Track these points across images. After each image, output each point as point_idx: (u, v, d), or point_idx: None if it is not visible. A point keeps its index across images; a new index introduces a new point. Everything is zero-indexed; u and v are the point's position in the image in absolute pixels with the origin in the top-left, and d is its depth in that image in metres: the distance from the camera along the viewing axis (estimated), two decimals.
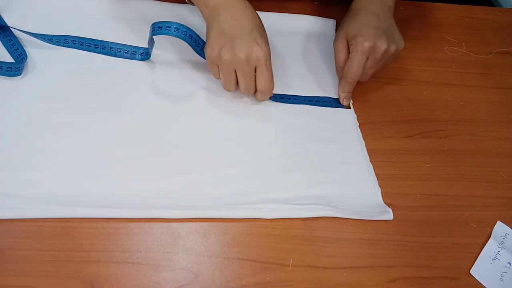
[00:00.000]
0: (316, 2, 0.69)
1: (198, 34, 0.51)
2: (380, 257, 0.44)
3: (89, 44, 0.54)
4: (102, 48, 0.54)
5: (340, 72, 0.55)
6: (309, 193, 0.47)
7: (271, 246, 0.43)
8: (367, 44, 0.51)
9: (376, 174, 0.50)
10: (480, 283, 0.44)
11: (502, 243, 0.47)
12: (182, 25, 0.50)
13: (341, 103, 0.56)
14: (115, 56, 0.55)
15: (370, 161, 0.51)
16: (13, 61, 0.51)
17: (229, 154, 0.49)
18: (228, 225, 0.44)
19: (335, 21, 0.66)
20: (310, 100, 0.55)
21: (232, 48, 0.47)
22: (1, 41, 0.53)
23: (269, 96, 0.53)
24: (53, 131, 0.47)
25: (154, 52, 0.55)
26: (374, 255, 0.44)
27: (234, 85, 0.50)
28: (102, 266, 0.39)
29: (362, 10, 0.54)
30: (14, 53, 0.52)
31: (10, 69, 0.49)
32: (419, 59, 0.65)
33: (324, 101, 0.56)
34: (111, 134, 0.48)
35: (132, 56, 0.55)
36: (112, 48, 0.55)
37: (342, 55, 0.54)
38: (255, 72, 0.49)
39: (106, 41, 0.55)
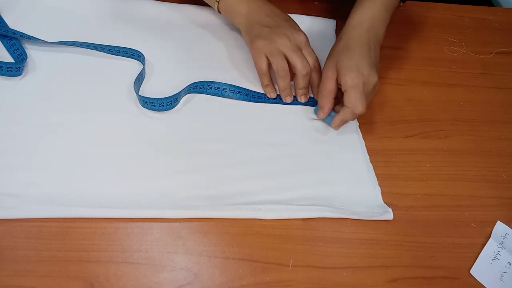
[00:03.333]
0: (316, 2, 0.69)
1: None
2: (380, 257, 0.44)
3: (88, 46, 0.54)
4: (102, 49, 0.54)
5: (325, 101, 0.51)
6: (309, 193, 0.47)
7: (271, 246, 0.43)
8: (360, 81, 0.49)
9: (376, 174, 0.50)
10: (480, 283, 0.44)
11: (502, 243, 0.47)
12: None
13: (335, 128, 0.53)
14: (115, 55, 0.55)
15: (370, 161, 0.51)
16: (13, 61, 0.51)
17: (229, 154, 0.49)
18: (228, 225, 0.44)
19: (335, 21, 0.66)
20: (310, 101, 0.55)
21: (277, 34, 0.51)
22: (2, 42, 0.53)
23: (319, 76, 0.53)
24: (53, 131, 0.47)
25: (152, 53, 0.55)
26: (374, 255, 0.44)
27: (287, 67, 0.52)
28: (102, 266, 0.39)
29: (355, 41, 0.52)
30: (14, 53, 0.52)
31: (10, 69, 0.49)
32: (419, 59, 0.65)
33: None
34: (111, 134, 0.48)
35: (131, 56, 0.55)
36: (111, 50, 0.55)
37: (329, 84, 0.51)
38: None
39: (106, 45, 0.54)
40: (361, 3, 0.54)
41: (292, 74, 0.53)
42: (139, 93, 0.50)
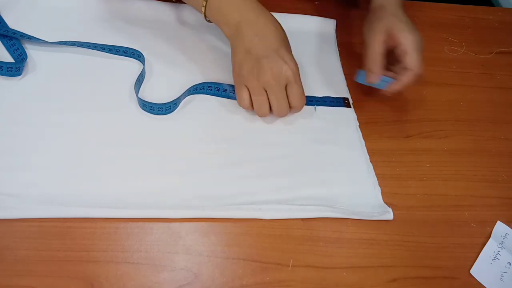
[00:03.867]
0: (316, 2, 0.69)
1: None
2: (380, 257, 0.44)
3: (88, 46, 0.54)
4: (102, 49, 0.54)
5: (376, 65, 0.52)
6: (309, 193, 0.47)
7: (271, 246, 0.43)
8: (420, 43, 0.52)
9: (376, 174, 0.50)
10: (480, 283, 0.44)
11: (502, 243, 0.47)
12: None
13: (389, 93, 0.53)
14: (115, 54, 0.55)
15: (370, 161, 0.51)
16: (13, 61, 0.51)
17: (229, 154, 0.49)
18: (228, 225, 0.44)
19: (335, 21, 0.66)
20: (310, 100, 0.55)
21: (261, 69, 0.47)
22: (2, 42, 0.53)
23: (300, 110, 0.51)
24: (53, 131, 0.47)
25: (152, 52, 0.55)
26: (374, 255, 0.44)
27: (267, 108, 0.49)
28: (102, 266, 0.39)
29: (398, 9, 0.53)
30: (14, 53, 0.52)
31: (10, 69, 0.49)
32: None
33: (324, 101, 0.56)
34: (111, 134, 0.48)
35: (131, 56, 0.55)
36: (111, 49, 0.55)
37: (380, 47, 0.51)
38: (286, 89, 0.49)
39: (105, 45, 0.54)
40: None
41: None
42: (139, 94, 0.50)
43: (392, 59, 0.54)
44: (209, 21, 0.52)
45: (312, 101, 0.55)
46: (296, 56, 0.53)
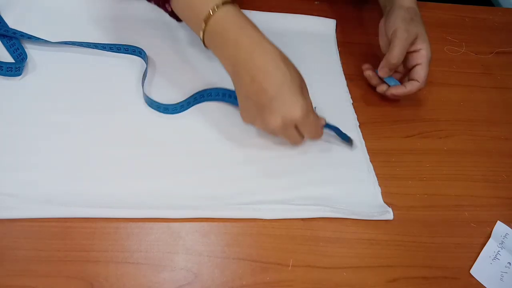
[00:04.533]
0: (316, 2, 0.69)
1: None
2: (380, 257, 0.44)
3: (88, 45, 0.54)
4: (102, 48, 0.54)
5: (396, 65, 0.54)
6: (309, 193, 0.47)
7: (271, 246, 0.43)
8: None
9: (376, 174, 0.50)
10: (480, 283, 0.44)
11: (502, 243, 0.47)
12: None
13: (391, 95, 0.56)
14: (116, 52, 0.55)
15: (370, 161, 0.51)
16: (13, 61, 0.51)
17: (229, 154, 0.49)
18: (228, 225, 0.44)
19: (335, 21, 0.66)
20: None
21: (264, 120, 0.44)
22: (1, 41, 0.53)
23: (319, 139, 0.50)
24: (53, 131, 0.47)
25: (153, 52, 0.55)
26: (374, 255, 0.44)
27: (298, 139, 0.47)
28: (102, 266, 0.39)
29: (417, 16, 0.56)
30: (14, 53, 0.52)
31: (10, 69, 0.49)
32: None
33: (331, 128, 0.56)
34: (111, 134, 0.48)
35: (132, 53, 0.55)
36: (112, 48, 0.55)
37: (404, 52, 0.54)
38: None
39: (106, 43, 0.54)
40: None
41: None
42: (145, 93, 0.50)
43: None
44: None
45: None
46: (296, 56, 0.53)
